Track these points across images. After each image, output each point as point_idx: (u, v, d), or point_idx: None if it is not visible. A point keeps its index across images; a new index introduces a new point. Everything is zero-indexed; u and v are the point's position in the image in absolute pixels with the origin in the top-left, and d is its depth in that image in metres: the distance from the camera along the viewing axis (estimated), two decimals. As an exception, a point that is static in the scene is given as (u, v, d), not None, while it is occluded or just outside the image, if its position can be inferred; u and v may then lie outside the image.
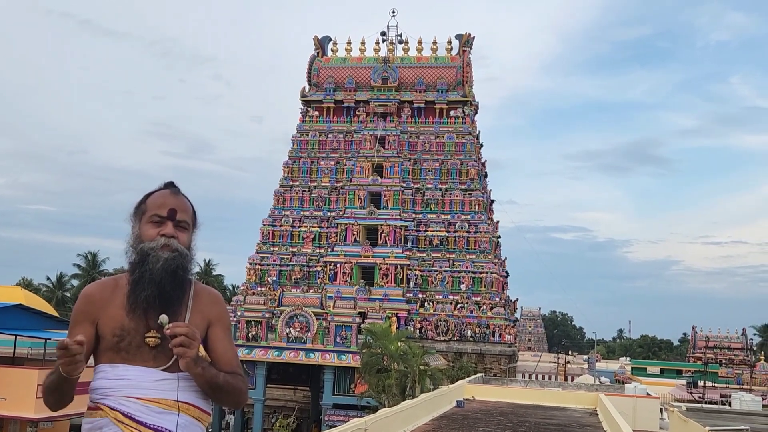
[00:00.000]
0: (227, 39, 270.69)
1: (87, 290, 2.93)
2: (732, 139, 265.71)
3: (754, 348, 73.15)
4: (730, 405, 34.19)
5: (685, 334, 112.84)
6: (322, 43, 55.23)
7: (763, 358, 63.95)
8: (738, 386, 51.01)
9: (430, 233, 48.20)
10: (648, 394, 29.24)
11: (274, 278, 48.48)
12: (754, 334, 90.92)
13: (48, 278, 71.53)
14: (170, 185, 2.99)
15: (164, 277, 2.80)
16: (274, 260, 49.26)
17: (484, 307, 45.69)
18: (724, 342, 66.10)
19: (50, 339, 26.73)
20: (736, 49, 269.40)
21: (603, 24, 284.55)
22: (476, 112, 53.90)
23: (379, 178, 48.83)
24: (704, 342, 65.30)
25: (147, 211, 2.90)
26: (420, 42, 53.90)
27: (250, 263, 49.62)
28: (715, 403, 39.62)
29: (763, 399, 37.12)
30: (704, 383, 45.79)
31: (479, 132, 53.80)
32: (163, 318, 2.74)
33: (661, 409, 28.15)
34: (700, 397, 42.57)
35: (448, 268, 47.09)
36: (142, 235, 2.87)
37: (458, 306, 45.98)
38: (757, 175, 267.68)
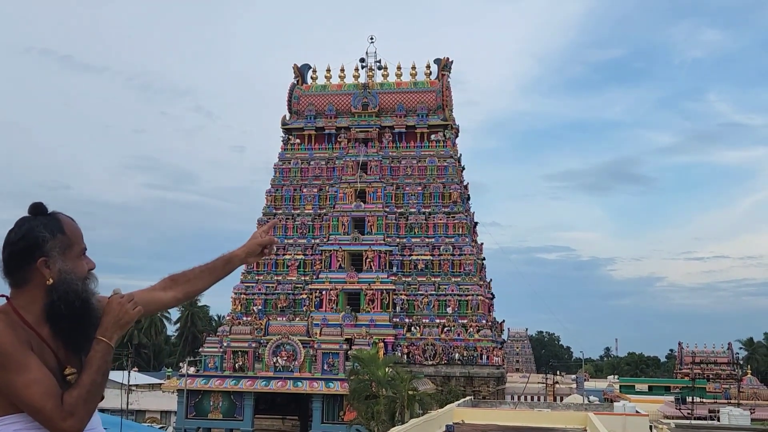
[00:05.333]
0: (207, 70, 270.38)
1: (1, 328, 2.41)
2: (710, 156, 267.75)
3: (741, 362, 73.45)
4: (719, 420, 34.26)
5: (671, 350, 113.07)
6: (301, 72, 55.48)
7: (749, 371, 64.19)
8: (726, 401, 51.06)
9: (414, 257, 48.21)
10: (637, 411, 29.24)
11: (260, 307, 48.26)
12: (740, 348, 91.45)
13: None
14: (43, 209, 2.60)
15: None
16: (260, 289, 49.06)
17: (471, 329, 45.64)
18: (710, 357, 66.24)
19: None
20: (712, 66, 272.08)
21: (579, 45, 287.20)
22: (457, 136, 54.16)
23: (362, 203, 48.88)
24: (691, 357, 65.35)
25: (74, 243, 2.58)
26: (399, 67, 54.27)
27: (236, 293, 49.39)
28: (704, 418, 39.64)
29: (751, 413, 37.23)
30: (692, 399, 45.81)
31: (460, 155, 54.04)
32: (117, 289, 2.63)
33: (650, 427, 28.15)
34: (689, 413, 42.57)
35: (433, 292, 47.06)
36: (76, 271, 2.55)
37: (445, 329, 45.90)
38: (736, 190, 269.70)
